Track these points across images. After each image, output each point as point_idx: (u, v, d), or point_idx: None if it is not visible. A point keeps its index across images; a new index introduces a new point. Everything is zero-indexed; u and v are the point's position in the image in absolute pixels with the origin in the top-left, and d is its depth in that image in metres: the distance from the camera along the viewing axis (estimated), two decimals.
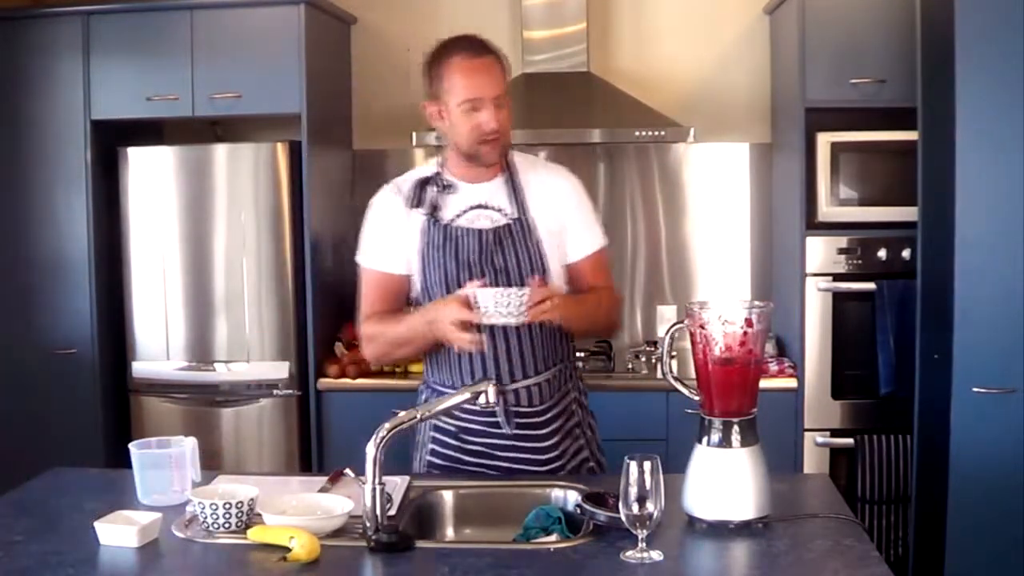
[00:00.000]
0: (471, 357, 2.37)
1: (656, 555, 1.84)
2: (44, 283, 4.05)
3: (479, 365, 2.37)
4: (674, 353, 2.37)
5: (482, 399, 2.16)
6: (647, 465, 1.81)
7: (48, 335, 4.04)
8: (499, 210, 2.42)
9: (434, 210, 2.42)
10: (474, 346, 2.25)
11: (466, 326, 2.23)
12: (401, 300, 2.51)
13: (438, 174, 2.46)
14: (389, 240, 2.47)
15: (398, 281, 2.47)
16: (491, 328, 2.32)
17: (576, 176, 2.55)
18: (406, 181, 2.48)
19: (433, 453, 2.47)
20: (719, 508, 1.96)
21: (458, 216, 2.42)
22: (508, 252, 2.39)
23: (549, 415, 2.44)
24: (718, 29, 4.29)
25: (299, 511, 2.04)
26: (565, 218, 2.45)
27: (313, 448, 3.94)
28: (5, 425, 4.05)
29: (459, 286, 2.35)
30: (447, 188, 2.43)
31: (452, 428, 2.44)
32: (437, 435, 2.47)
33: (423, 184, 2.44)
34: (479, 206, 2.43)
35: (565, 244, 2.45)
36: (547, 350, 2.43)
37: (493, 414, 2.37)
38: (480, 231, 2.39)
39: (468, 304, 2.23)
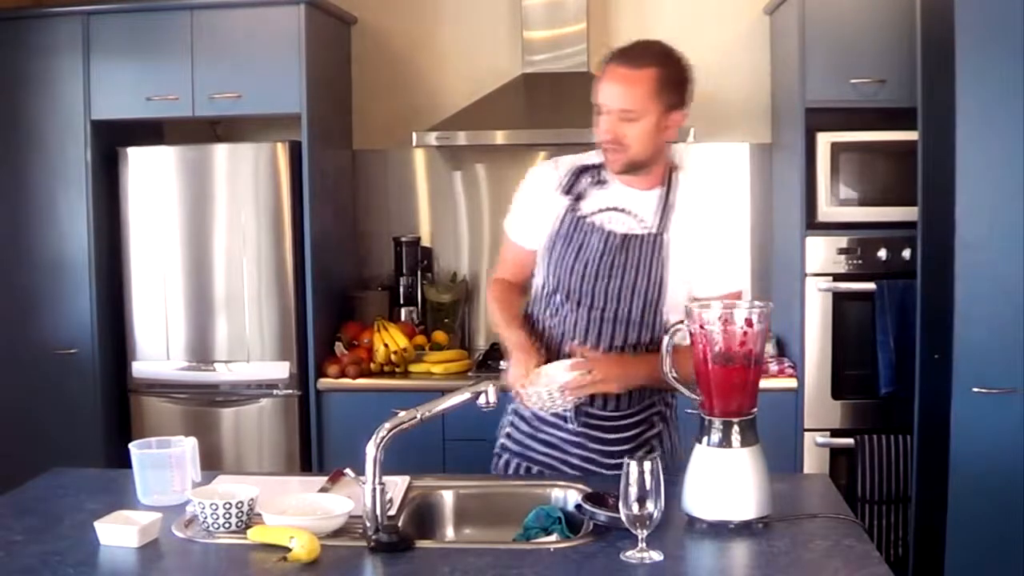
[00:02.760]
0: (559, 351, 2.37)
1: (656, 555, 1.84)
2: (44, 283, 4.05)
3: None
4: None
5: (482, 399, 2.16)
6: (647, 465, 1.81)
7: (48, 335, 4.04)
8: (639, 219, 2.38)
9: (578, 199, 2.41)
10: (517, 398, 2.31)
11: (517, 378, 2.27)
12: (527, 271, 2.54)
13: (599, 166, 2.42)
14: (530, 215, 2.48)
15: (530, 256, 2.50)
16: (589, 323, 2.36)
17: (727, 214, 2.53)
18: (566, 163, 2.47)
19: (508, 436, 2.51)
20: (719, 508, 1.96)
21: (596, 212, 2.39)
22: (630, 262, 2.35)
23: (625, 422, 2.41)
24: (718, 29, 4.29)
25: (299, 511, 2.04)
26: (702, 252, 2.36)
27: (313, 448, 3.94)
28: (5, 425, 4.05)
29: (571, 279, 2.37)
30: (601, 182, 2.41)
31: (528, 414, 2.45)
32: (514, 419, 2.50)
33: (580, 172, 2.43)
34: (621, 209, 2.39)
35: (696, 279, 2.37)
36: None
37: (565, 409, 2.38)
38: (609, 233, 2.36)
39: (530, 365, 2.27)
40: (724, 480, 1.96)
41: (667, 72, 2.31)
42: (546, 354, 2.36)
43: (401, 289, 4.28)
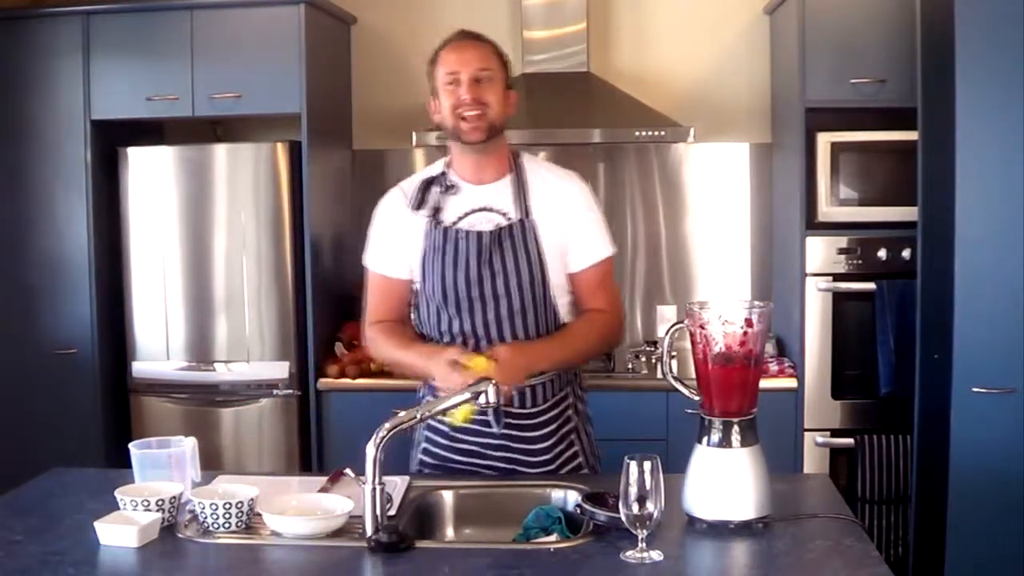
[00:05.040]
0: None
1: (656, 555, 1.84)
2: (44, 283, 4.05)
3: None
4: (674, 353, 2.36)
5: (482, 399, 2.16)
6: (647, 465, 1.81)
7: (48, 335, 4.05)
8: (502, 212, 2.41)
9: (436, 212, 2.41)
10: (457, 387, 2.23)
11: (456, 367, 2.22)
12: (404, 305, 2.51)
13: (443, 174, 2.45)
14: (392, 244, 2.47)
15: (400, 286, 2.48)
16: (485, 326, 2.36)
17: (586, 183, 2.53)
18: (411, 183, 2.48)
19: (425, 452, 2.48)
20: (719, 508, 1.96)
21: (460, 219, 2.41)
22: (507, 254, 2.37)
23: (543, 418, 2.43)
24: (718, 29, 4.29)
25: (299, 511, 2.04)
26: (570, 225, 2.42)
27: (313, 448, 3.94)
28: (5, 425, 4.05)
29: (456, 290, 2.36)
30: (450, 189, 2.42)
31: (445, 427, 2.44)
32: (430, 434, 2.47)
33: (427, 185, 2.44)
34: (482, 209, 2.41)
35: (569, 253, 2.43)
36: None
37: (486, 413, 2.37)
38: (480, 233, 2.38)
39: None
40: (724, 480, 1.96)
41: (499, 50, 2.46)
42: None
43: None
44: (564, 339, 2.42)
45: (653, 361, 3.98)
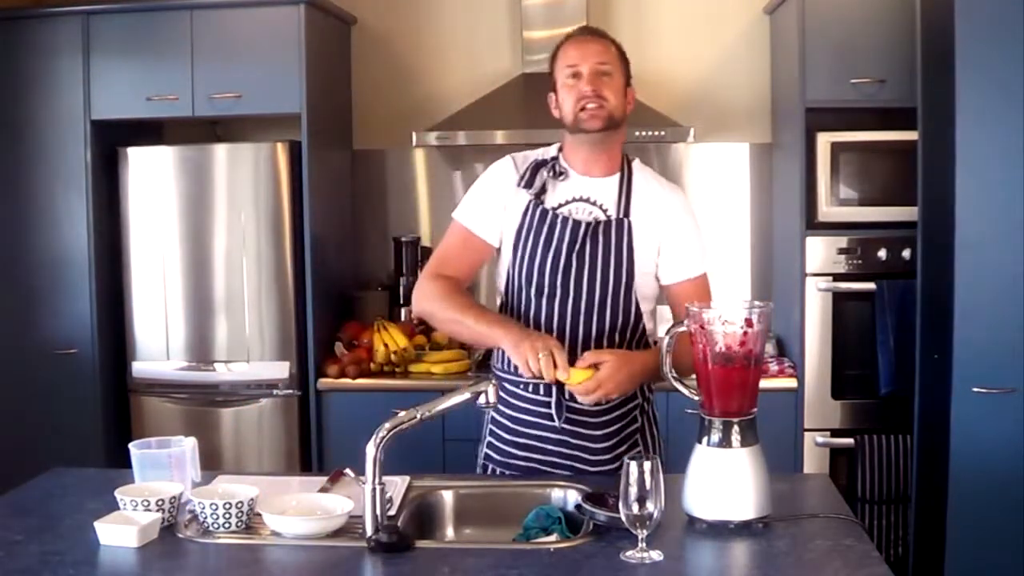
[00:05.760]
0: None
1: (656, 555, 1.84)
2: (44, 283, 4.05)
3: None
4: None
5: (482, 399, 2.16)
6: (647, 465, 1.81)
7: (48, 335, 4.04)
8: (602, 207, 2.42)
9: (541, 193, 2.42)
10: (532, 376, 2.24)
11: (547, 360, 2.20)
12: (475, 267, 2.52)
13: (555, 159, 2.46)
14: (491, 207, 2.46)
15: (481, 245, 2.47)
16: (562, 316, 2.37)
17: (689, 199, 2.54)
18: (526, 159, 2.49)
19: (490, 446, 2.50)
20: (719, 508, 1.96)
21: (561, 204, 2.42)
22: (599, 248, 2.38)
23: (607, 417, 2.42)
24: (718, 29, 4.30)
25: (299, 511, 2.04)
26: (667, 235, 2.43)
27: (313, 448, 3.94)
28: (5, 425, 4.05)
29: (542, 273, 2.38)
30: (560, 175, 2.43)
31: (507, 421, 2.45)
32: (494, 428, 2.49)
33: (539, 166, 2.44)
34: (583, 199, 2.43)
35: (662, 264, 2.44)
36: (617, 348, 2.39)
37: (549, 406, 2.38)
38: (577, 222, 2.39)
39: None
40: (724, 480, 1.96)
41: (620, 47, 2.47)
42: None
43: (401, 289, 4.27)
44: (647, 351, 2.42)
45: None
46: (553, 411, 2.38)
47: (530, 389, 2.41)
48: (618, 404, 2.43)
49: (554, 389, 2.37)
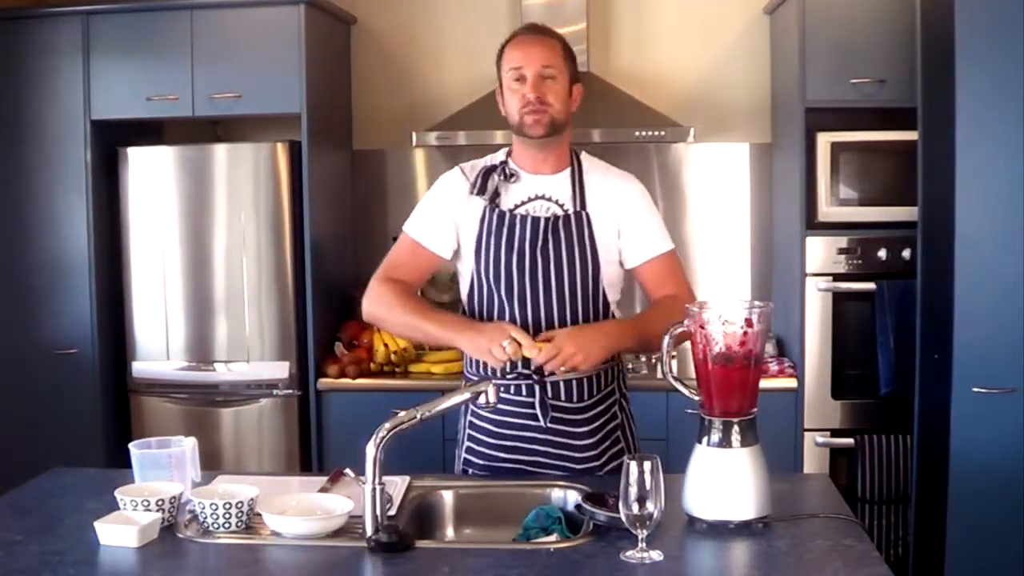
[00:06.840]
0: None
1: (656, 555, 1.83)
2: (44, 283, 4.05)
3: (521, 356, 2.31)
4: (674, 353, 2.36)
5: (482, 399, 2.16)
6: (647, 465, 1.81)
7: (48, 335, 4.05)
8: (558, 203, 2.44)
9: (495, 197, 2.44)
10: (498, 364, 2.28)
11: (512, 345, 2.22)
12: (423, 276, 2.54)
13: (504, 163, 2.48)
14: (440, 219, 2.48)
15: (429, 257, 2.49)
16: (535, 312, 2.38)
17: (642, 185, 2.55)
18: (474, 167, 2.50)
19: (469, 451, 2.49)
20: (719, 508, 1.96)
21: (518, 205, 2.44)
22: (562, 243, 2.40)
23: (590, 413, 2.43)
24: (718, 29, 4.30)
25: (299, 511, 2.04)
26: (625, 221, 2.45)
27: (313, 448, 3.94)
28: (5, 425, 4.05)
29: (509, 273, 2.39)
30: (511, 177, 2.45)
31: (488, 425, 2.44)
32: (473, 432, 2.48)
33: (488, 172, 2.46)
34: (539, 197, 2.44)
35: (624, 249, 2.46)
36: None
37: (532, 406, 2.38)
38: (536, 219, 2.41)
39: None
40: (724, 480, 1.96)
41: (566, 45, 2.46)
42: None
43: None
44: (630, 319, 2.46)
45: (653, 361, 3.98)
46: (538, 411, 2.38)
47: (512, 391, 2.40)
48: (598, 399, 2.44)
49: (537, 389, 2.37)
